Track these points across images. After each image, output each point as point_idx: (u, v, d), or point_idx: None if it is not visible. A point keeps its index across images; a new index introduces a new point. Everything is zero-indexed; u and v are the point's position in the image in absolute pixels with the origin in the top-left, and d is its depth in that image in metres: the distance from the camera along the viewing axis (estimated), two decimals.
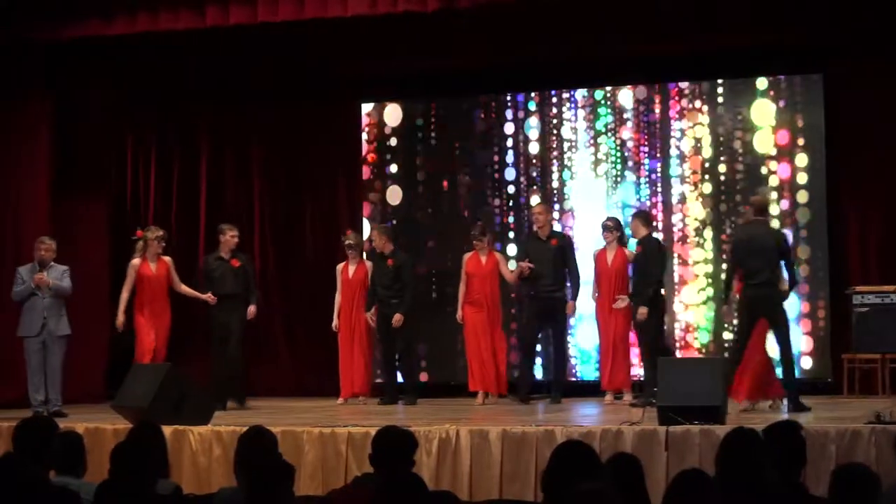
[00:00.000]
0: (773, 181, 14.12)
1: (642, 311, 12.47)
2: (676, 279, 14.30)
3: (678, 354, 13.95)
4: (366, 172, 15.68)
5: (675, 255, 14.32)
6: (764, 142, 14.25)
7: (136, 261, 13.20)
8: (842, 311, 13.46)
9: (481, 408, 13.06)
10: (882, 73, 13.65)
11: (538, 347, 13.87)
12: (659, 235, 13.81)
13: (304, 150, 15.72)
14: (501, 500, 9.38)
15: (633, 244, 13.13)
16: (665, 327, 13.35)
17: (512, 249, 14.84)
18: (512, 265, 13.90)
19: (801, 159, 14.09)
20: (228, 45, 13.97)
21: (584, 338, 14.51)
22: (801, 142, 14.12)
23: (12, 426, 7.01)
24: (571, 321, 13.96)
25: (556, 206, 14.71)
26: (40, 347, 12.47)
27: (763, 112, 14.27)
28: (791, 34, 13.65)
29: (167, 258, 13.33)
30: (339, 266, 13.99)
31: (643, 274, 12.66)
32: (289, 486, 5.43)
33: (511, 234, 15.07)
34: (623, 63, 14.58)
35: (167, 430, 9.59)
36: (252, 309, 13.41)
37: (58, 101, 14.18)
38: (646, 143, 14.64)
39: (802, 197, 14.04)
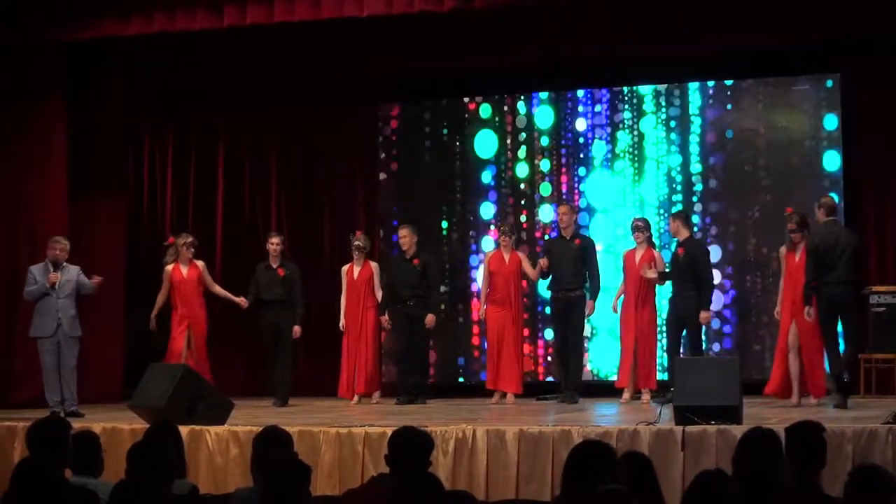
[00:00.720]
0: (794, 181, 14.11)
1: (705, 315, 12.68)
2: None
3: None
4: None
5: None
6: (784, 141, 14.22)
7: (168, 267, 13.60)
8: (859, 311, 13.39)
9: (498, 407, 13.07)
10: None
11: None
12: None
13: (321, 151, 15.75)
14: (518, 501, 9.37)
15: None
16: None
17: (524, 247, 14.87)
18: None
19: (819, 158, 14.06)
20: (245, 45, 13.97)
21: (602, 344, 14.56)
22: (818, 142, 14.09)
23: (28, 426, 7.01)
24: (588, 325, 13.95)
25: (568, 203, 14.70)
26: (55, 348, 12.47)
27: (781, 112, 14.24)
28: (809, 34, 13.59)
29: (200, 262, 13.72)
30: (345, 267, 14.07)
31: (690, 275, 12.70)
32: (305, 487, 5.42)
33: (524, 234, 15.08)
34: (638, 63, 14.56)
35: (183, 430, 9.58)
36: (296, 329, 13.82)
37: (74, 102, 14.18)
38: (664, 138, 14.61)
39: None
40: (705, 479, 5.03)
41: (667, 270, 13.05)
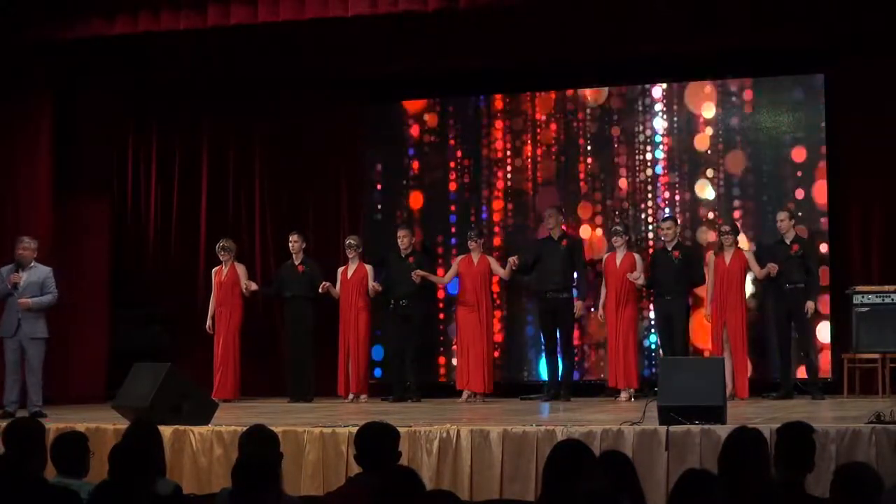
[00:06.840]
0: (779, 181, 14.13)
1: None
2: None
3: None
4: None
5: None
6: (768, 142, 14.23)
7: (215, 269, 14.56)
8: (843, 311, 13.46)
9: (482, 407, 13.09)
10: (884, 72, 13.66)
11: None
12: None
13: (306, 152, 15.69)
14: (502, 500, 9.38)
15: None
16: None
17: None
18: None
19: (804, 158, 14.07)
20: (230, 45, 13.96)
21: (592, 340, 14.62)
22: (803, 141, 14.10)
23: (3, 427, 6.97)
24: (579, 319, 14.04)
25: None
26: (17, 348, 12.26)
27: (767, 112, 14.26)
28: (793, 34, 13.62)
29: (240, 265, 14.54)
30: (341, 268, 14.24)
31: (687, 276, 13.36)
32: (273, 486, 5.37)
33: (499, 229, 15.07)
34: (623, 63, 14.55)
35: (167, 429, 9.62)
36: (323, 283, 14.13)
37: (59, 102, 14.17)
38: (649, 140, 14.60)
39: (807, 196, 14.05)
40: (691, 479, 5.02)
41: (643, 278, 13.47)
